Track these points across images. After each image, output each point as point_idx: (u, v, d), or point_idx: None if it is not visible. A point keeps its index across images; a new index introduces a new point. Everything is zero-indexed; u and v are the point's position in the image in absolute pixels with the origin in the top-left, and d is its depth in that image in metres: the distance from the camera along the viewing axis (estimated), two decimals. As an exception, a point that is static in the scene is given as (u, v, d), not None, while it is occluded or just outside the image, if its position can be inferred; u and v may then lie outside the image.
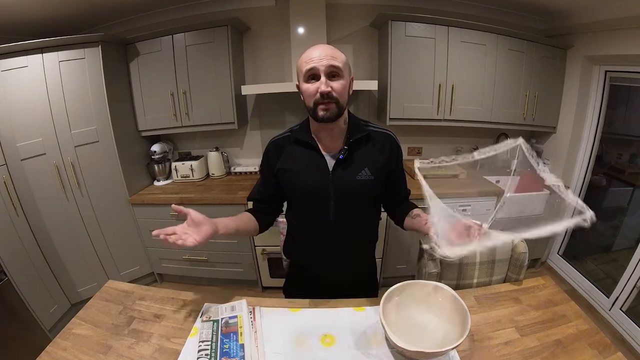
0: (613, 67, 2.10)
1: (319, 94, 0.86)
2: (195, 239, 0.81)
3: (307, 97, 0.90)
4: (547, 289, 1.07)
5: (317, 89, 0.86)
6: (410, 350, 0.70)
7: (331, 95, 0.86)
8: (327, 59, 0.86)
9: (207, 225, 0.86)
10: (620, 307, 1.96)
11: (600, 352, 0.81)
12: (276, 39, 2.34)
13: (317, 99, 0.87)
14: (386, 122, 2.22)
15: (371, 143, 1.00)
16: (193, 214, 0.84)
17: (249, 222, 1.05)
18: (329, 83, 0.86)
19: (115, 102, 2.05)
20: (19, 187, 1.85)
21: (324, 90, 0.85)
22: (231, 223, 0.95)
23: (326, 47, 0.88)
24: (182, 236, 0.81)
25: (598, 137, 2.27)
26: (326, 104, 0.87)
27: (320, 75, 0.86)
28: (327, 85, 0.86)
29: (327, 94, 0.86)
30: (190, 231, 0.84)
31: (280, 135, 1.06)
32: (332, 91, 0.86)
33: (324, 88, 0.85)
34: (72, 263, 2.12)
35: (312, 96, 0.88)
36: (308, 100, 0.89)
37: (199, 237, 0.82)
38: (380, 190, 1.03)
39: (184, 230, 0.84)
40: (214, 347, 0.82)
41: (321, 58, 0.86)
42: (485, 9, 2.31)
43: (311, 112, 0.91)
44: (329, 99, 0.87)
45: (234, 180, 2.50)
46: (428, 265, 1.23)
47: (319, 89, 0.86)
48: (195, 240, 0.81)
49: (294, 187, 1.01)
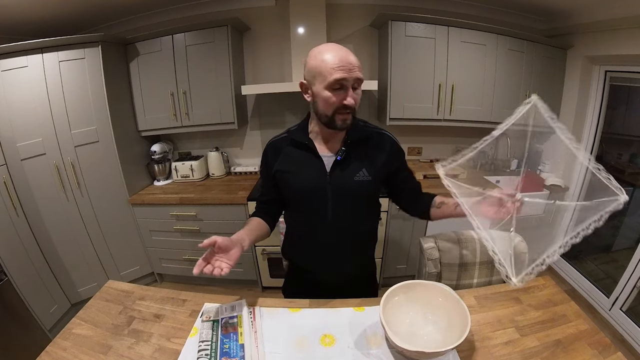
0: (613, 67, 2.10)
1: (343, 104, 0.85)
2: (229, 265, 0.85)
3: (325, 105, 0.87)
4: (547, 289, 1.07)
5: (341, 99, 0.85)
6: (410, 350, 0.70)
7: (353, 107, 0.87)
8: (356, 70, 0.84)
9: (236, 249, 0.88)
10: (620, 307, 1.96)
11: (600, 352, 0.81)
12: (276, 39, 2.34)
13: (339, 108, 0.86)
14: (386, 122, 2.23)
15: (370, 144, 1.00)
16: (220, 242, 0.84)
17: (262, 227, 1.07)
18: (353, 95, 0.86)
19: (115, 102, 2.05)
20: (19, 187, 1.85)
21: (352, 104, 0.85)
22: (250, 235, 0.98)
23: (350, 54, 0.86)
24: (216, 265, 0.83)
25: (598, 137, 2.27)
26: (347, 114, 0.88)
27: (349, 87, 0.85)
28: (353, 98, 0.85)
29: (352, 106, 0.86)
30: (221, 258, 0.85)
31: (278, 136, 1.05)
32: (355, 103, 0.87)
33: (352, 101, 0.85)
34: (72, 263, 2.12)
35: (334, 105, 0.86)
36: (327, 107, 0.87)
37: (232, 262, 0.86)
38: (378, 190, 1.03)
39: (215, 257, 0.85)
40: (214, 347, 0.82)
41: (351, 69, 0.83)
42: (485, 9, 2.31)
43: (326, 120, 0.90)
44: (350, 110, 0.87)
45: (234, 180, 2.50)
46: (428, 265, 1.23)
47: (344, 99, 0.85)
48: (230, 267, 0.85)
49: (292, 188, 1.01)
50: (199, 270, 0.81)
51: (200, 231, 2.21)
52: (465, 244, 1.24)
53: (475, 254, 1.24)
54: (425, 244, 1.25)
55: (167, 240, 2.30)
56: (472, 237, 1.26)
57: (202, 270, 0.81)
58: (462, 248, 1.24)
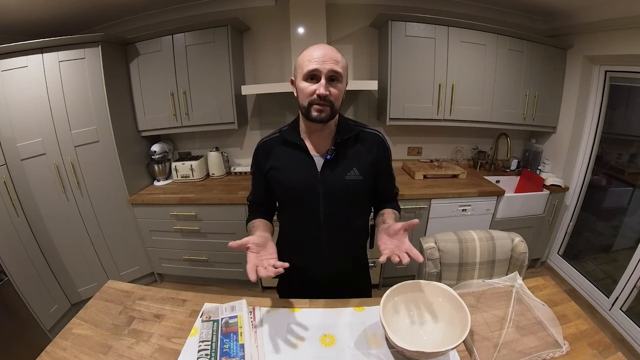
0: (613, 67, 2.10)
1: (316, 95, 0.86)
2: (275, 257, 0.84)
3: (302, 96, 0.90)
4: (547, 289, 1.07)
5: (314, 90, 0.87)
6: (410, 350, 0.70)
7: (328, 98, 0.87)
8: (330, 62, 0.86)
9: (270, 242, 0.89)
10: (620, 307, 1.96)
11: (600, 352, 0.81)
12: (276, 39, 2.34)
13: (314, 99, 0.87)
14: (386, 122, 2.23)
15: (360, 143, 1.00)
16: (254, 240, 0.84)
17: (270, 227, 1.07)
18: (328, 87, 0.86)
19: (115, 102, 2.05)
20: (19, 187, 1.85)
21: (322, 93, 0.86)
22: (267, 233, 0.97)
23: (331, 49, 0.88)
24: (266, 264, 0.80)
25: (598, 137, 2.27)
26: (322, 105, 0.88)
27: (321, 77, 0.86)
28: (326, 88, 0.86)
29: (324, 97, 0.86)
30: (264, 255, 0.84)
31: (269, 136, 1.06)
32: (329, 95, 0.87)
33: (323, 91, 0.85)
34: (72, 263, 2.12)
35: (309, 96, 0.88)
36: (303, 98, 0.90)
37: (275, 254, 0.85)
38: (369, 189, 1.03)
39: (260, 258, 0.83)
40: (214, 347, 0.82)
41: (325, 60, 0.85)
42: (485, 9, 2.31)
43: (304, 111, 0.91)
44: (325, 102, 0.87)
45: (234, 180, 2.50)
46: (428, 265, 1.23)
47: (317, 90, 0.86)
48: (276, 259, 0.83)
49: (283, 187, 1.02)
50: (255, 276, 0.78)
51: (200, 231, 2.20)
52: (465, 244, 1.24)
53: (475, 254, 1.24)
54: (425, 244, 1.25)
55: (167, 240, 2.30)
56: (472, 237, 1.26)
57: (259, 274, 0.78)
58: (462, 248, 1.24)
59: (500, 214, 2.23)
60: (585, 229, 2.46)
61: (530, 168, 2.59)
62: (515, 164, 2.62)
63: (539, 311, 0.93)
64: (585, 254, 2.45)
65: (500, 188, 2.20)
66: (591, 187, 2.37)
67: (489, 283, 1.07)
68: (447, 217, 2.17)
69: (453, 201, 2.13)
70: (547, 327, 0.87)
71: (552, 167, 2.51)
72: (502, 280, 1.07)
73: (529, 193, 2.25)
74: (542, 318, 0.90)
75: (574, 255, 2.51)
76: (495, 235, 1.26)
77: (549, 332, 0.86)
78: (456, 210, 2.16)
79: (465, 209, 2.17)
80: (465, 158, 2.75)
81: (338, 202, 0.98)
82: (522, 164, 2.67)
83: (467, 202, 2.15)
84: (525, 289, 1.02)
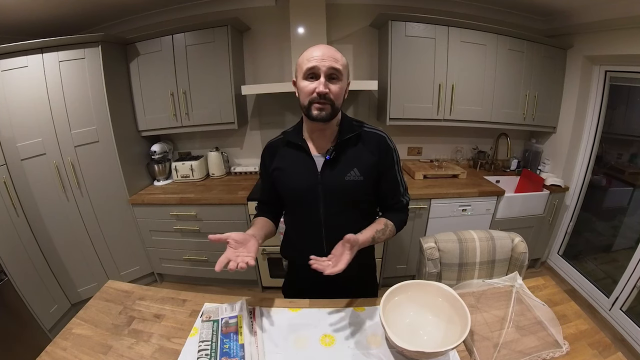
0: (613, 67, 2.10)
1: (316, 93, 0.87)
2: (252, 256, 0.83)
3: (303, 95, 0.90)
4: (547, 289, 1.07)
5: (314, 88, 0.87)
6: (410, 350, 0.70)
7: (328, 96, 0.87)
8: (329, 60, 0.86)
9: (253, 240, 0.89)
10: (620, 307, 1.96)
11: (600, 352, 0.81)
12: (276, 38, 2.34)
13: (314, 98, 0.88)
14: (386, 122, 2.23)
15: (361, 143, 1.00)
16: (234, 236, 0.84)
17: (269, 225, 1.08)
18: (328, 84, 0.87)
19: (115, 102, 2.05)
20: (19, 187, 1.85)
21: (321, 91, 0.86)
22: (259, 231, 0.98)
23: (329, 48, 0.89)
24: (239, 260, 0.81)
25: (598, 137, 2.27)
26: (322, 104, 0.88)
27: (320, 75, 0.86)
28: (325, 86, 0.86)
29: (324, 94, 0.86)
30: (241, 252, 0.84)
31: (275, 138, 1.08)
32: (329, 93, 0.87)
33: (322, 88, 0.86)
34: (72, 263, 2.12)
35: (309, 94, 0.88)
36: (304, 97, 0.90)
37: (253, 254, 0.85)
38: (372, 190, 1.03)
39: (236, 253, 0.84)
40: (214, 347, 0.82)
41: (324, 58, 0.86)
42: (485, 9, 2.31)
43: (305, 110, 0.91)
44: (325, 100, 0.87)
45: (234, 180, 2.50)
46: (428, 265, 1.23)
47: (316, 88, 0.86)
48: (252, 258, 0.83)
49: (286, 188, 1.03)
50: (221, 267, 0.79)
51: (200, 231, 2.21)
52: (465, 244, 1.24)
53: (475, 254, 1.24)
54: (425, 244, 1.25)
55: (167, 240, 2.30)
56: (472, 237, 1.26)
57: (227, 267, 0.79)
58: (462, 248, 1.24)
59: (500, 214, 2.23)
60: (585, 229, 2.46)
61: (530, 168, 2.59)
62: (515, 164, 2.62)
63: (539, 311, 0.93)
64: (585, 254, 2.45)
65: (500, 188, 2.20)
66: (591, 187, 2.37)
67: (489, 283, 1.07)
68: (447, 217, 2.17)
69: (453, 201, 2.14)
70: (547, 327, 0.87)
71: (552, 167, 2.51)
72: (502, 280, 1.07)
73: (529, 193, 2.25)
74: (542, 318, 0.90)
75: (574, 255, 2.51)
76: (495, 235, 1.26)
77: (549, 332, 0.86)
78: (456, 210, 2.16)
79: (465, 209, 2.17)
80: (465, 158, 2.75)
81: (338, 202, 0.98)
82: (522, 164, 2.67)
83: (467, 202, 2.15)
84: (525, 289, 1.02)
